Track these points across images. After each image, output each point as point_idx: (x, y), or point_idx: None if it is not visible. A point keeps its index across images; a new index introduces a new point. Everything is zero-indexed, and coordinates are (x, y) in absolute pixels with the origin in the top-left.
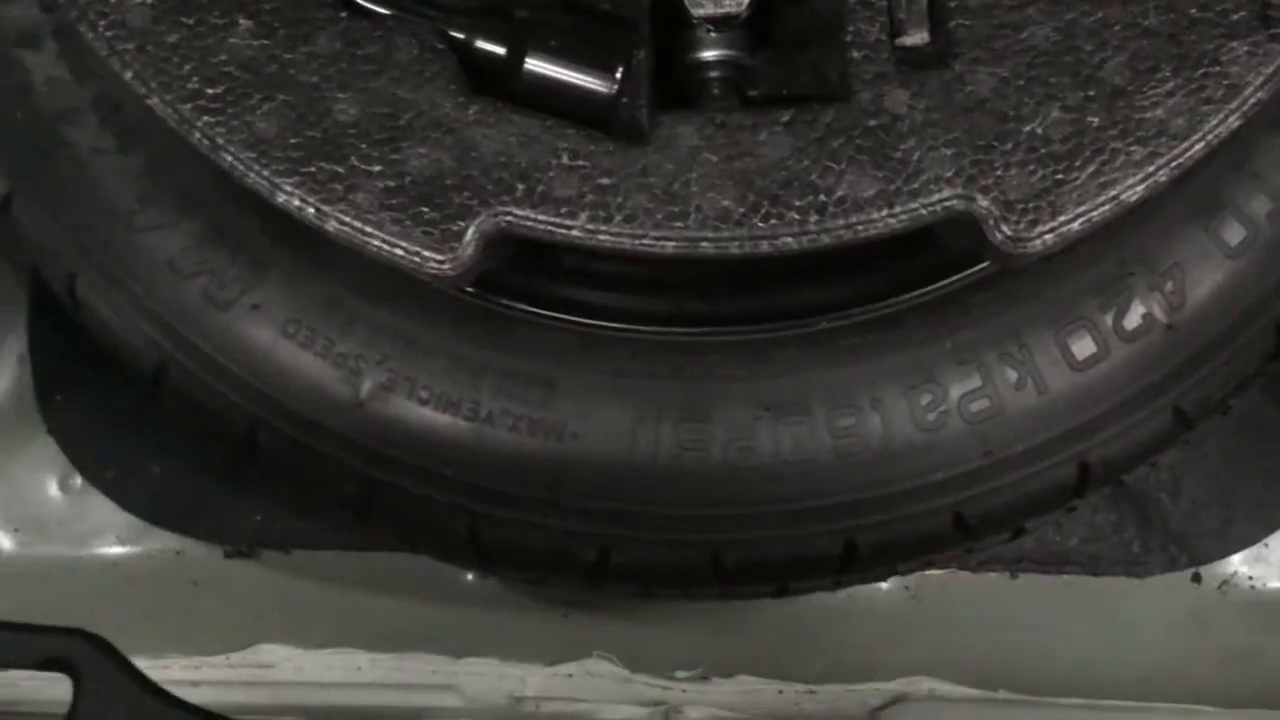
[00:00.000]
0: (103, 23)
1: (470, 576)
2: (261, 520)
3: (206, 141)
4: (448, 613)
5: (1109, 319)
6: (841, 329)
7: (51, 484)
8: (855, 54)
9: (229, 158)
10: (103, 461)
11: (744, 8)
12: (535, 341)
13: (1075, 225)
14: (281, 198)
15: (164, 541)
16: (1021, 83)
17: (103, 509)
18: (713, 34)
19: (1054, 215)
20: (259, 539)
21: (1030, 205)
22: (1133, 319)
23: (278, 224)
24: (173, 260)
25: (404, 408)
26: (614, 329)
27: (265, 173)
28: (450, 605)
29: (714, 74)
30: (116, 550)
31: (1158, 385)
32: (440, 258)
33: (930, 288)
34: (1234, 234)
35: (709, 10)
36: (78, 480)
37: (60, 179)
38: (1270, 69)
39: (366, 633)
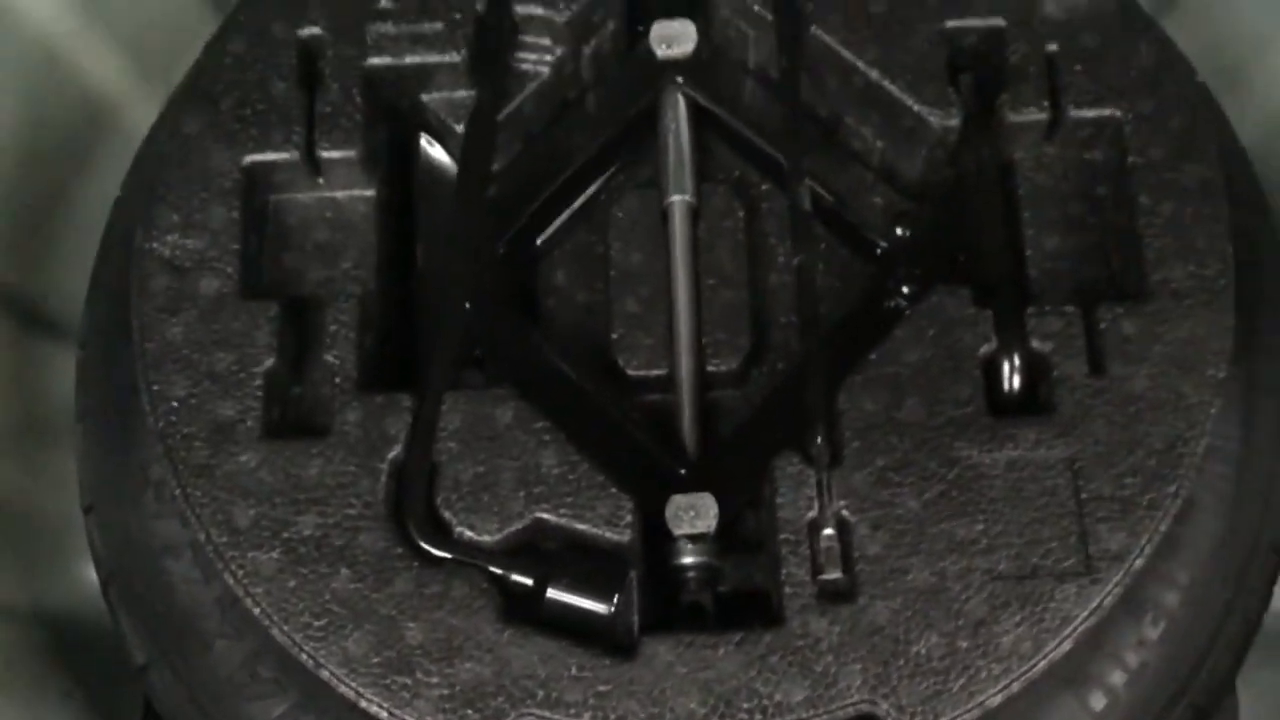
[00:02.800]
0: (241, 571)
1: None
2: None
3: (311, 660)
4: None
5: None
6: None
7: None
8: (788, 589)
9: (326, 673)
10: None
11: (713, 529)
12: None
13: None
14: (364, 704)
15: None
16: (909, 614)
17: None
18: (690, 545)
19: (936, 718)
20: None
21: (918, 709)
22: None
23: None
24: None
25: None
26: None
27: (353, 684)
28: None
29: (691, 574)
30: None
31: None
32: None
33: None
34: (1098, 701)
35: (687, 530)
36: None
37: (189, 657)
38: (1094, 604)
39: None
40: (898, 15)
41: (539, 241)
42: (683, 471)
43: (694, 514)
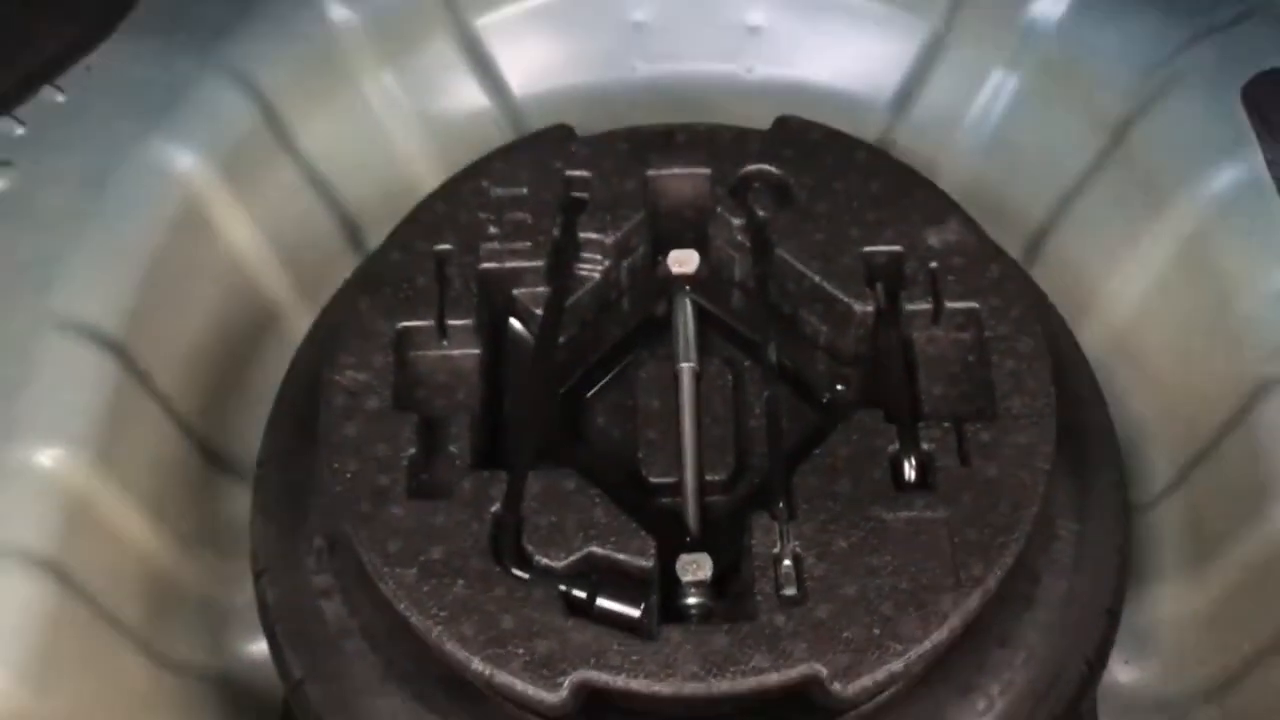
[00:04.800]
0: (392, 582)
1: None
2: None
3: (439, 640)
4: None
5: None
6: None
7: None
8: (759, 597)
9: (449, 646)
10: None
11: (709, 578)
12: None
13: (869, 684)
14: (474, 665)
15: None
16: (841, 613)
17: None
18: (692, 589)
19: (858, 679)
20: None
21: (845, 671)
22: None
23: (457, 688)
24: (395, 713)
25: None
26: None
27: (463, 653)
28: None
29: (692, 612)
30: None
31: None
32: (551, 698)
33: None
34: (982, 704)
35: (690, 577)
36: None
37: (337, 669)
38: (964, 610)
39: None
40: (833, 243)
41: (587, 395)
42: (687, 539)
43: (696, 566)
